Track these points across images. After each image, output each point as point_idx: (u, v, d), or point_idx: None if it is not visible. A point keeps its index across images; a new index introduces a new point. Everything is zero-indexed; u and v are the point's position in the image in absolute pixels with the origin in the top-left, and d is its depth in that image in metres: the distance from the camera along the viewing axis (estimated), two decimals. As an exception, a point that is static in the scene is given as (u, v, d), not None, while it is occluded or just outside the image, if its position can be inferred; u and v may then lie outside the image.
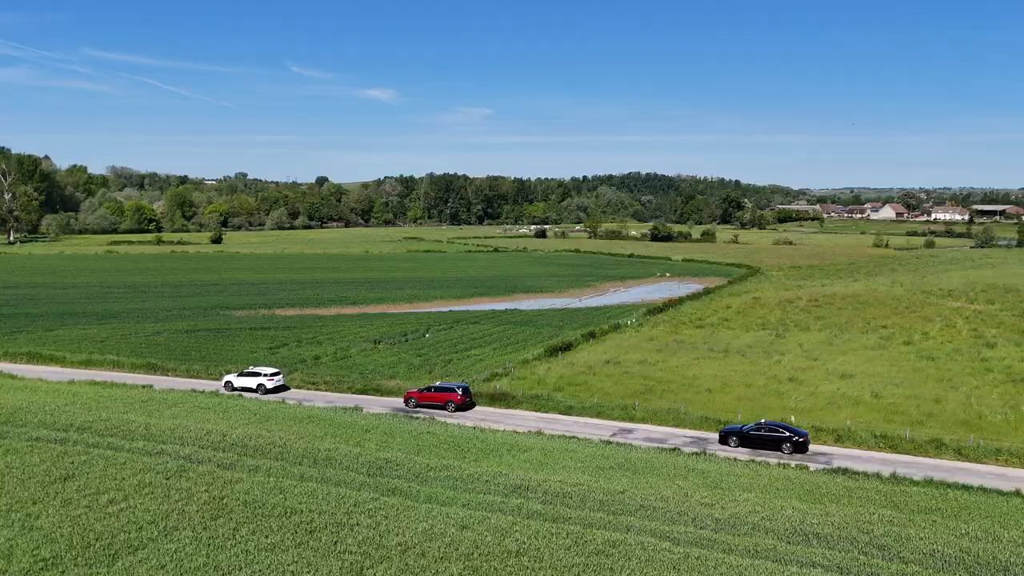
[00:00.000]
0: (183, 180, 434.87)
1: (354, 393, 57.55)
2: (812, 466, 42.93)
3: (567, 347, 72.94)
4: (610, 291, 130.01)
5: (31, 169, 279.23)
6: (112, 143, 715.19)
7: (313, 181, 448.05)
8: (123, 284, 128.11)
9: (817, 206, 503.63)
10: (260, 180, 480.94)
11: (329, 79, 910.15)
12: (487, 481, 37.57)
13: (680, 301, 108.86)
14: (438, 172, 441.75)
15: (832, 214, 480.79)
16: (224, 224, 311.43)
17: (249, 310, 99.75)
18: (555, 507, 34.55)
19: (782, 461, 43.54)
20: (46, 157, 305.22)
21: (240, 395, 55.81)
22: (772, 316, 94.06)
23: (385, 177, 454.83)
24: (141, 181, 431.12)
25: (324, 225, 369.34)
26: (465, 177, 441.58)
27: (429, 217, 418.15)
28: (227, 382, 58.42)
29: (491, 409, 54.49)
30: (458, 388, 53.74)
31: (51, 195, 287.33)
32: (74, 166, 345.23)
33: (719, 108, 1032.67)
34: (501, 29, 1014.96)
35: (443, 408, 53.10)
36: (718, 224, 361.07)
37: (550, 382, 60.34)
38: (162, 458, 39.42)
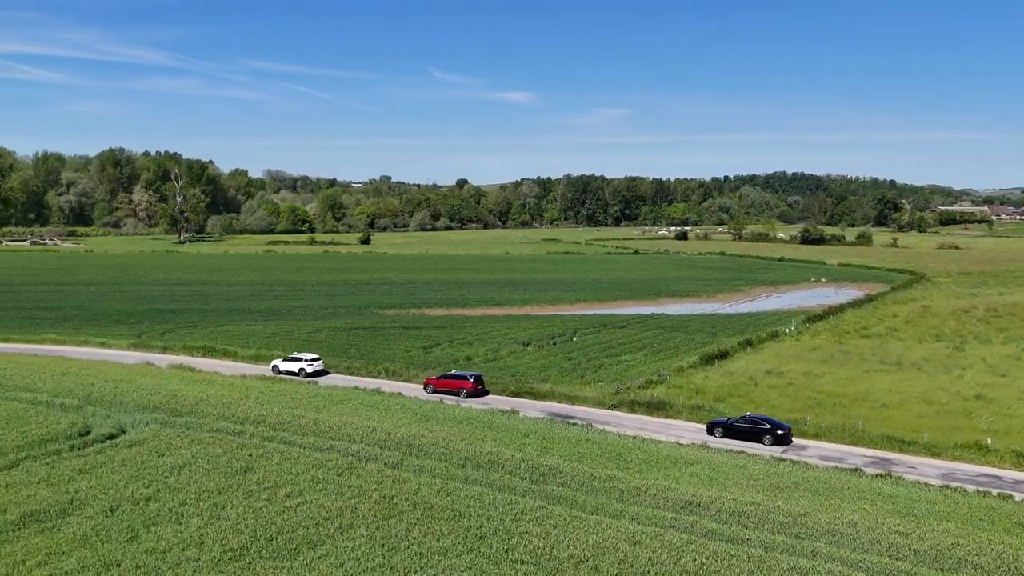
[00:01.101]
0: (332, 183, 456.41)
1: (509, 395, 57.37)
2: (1017, 496, 38.74)
3: (723, 355, 70.03)
4: (761, 296, 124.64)
5: (199, 173, 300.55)
6: (268, 148, 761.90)
7: (453, 183, 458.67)
8: (282, 282, 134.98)
9: (984, 207, 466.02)
10: (403, 183, 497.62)
11: (469, 83, 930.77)
12: (655, 495, 36.08)
13: (841, 308, 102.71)
14: (575, 173, 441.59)
15: (1002, 216, 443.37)
16: (371, 225, 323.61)
17: (399, 309, 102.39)
18: (731, 527, 32.64)
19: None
20: (210, 161, 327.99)
21: (399, 394, 56.78)
22: (946, 327, 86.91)
23: (522, 179, 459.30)
24: (294, 184, 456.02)
25: (464, 226, 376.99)
26: (602, 178, 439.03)
27: (565, 218, 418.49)
28: (274, 366, 63.64)
29: (648, 418, 52.82)
30: (470, 377, 57.39)
31: (215, 197, 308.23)
32: (236, 170, 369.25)
33: (873, 104, 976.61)
34: (637, 29, 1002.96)
35: (456, 394, 56.50)
36: (872, 226, 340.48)
37: (709, 392, 57.93)
38: (332, 454, 40.40)
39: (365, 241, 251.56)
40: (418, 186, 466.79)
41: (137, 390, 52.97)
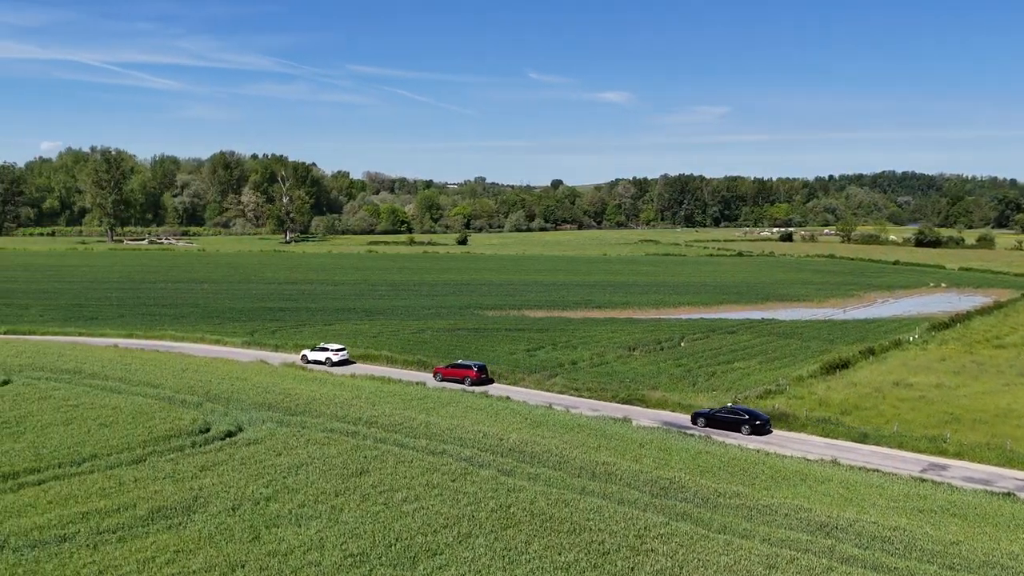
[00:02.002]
0: (428, 184, 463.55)
1: (619, 402, 55.72)
2: None
3: (844, 364, 66.27)
4: (877, 302, 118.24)
5: (303, 175, 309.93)
6: (367, 150, 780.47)
7: (547, 184, 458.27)
8: (384, 282, 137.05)
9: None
10: (497, 184, 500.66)
11: (564, 84, 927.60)
12: (786, 515, 33.84)
13: (968, 316, 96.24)
14: (672, 173, 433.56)
15: None
16: (467, 226, 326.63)
17: (500, 310, 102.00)
18: (874, 553, 30.15)
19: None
20: (313, 164, 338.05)
21: (506, 398, 56.03)
22: (1092, 337, 79.92)
23: (617, 179, 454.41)
24: (392, 185, 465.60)
25: (559, 227, 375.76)
26: (701, 178, 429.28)
27: (662, 219, 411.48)
28: (303, 355, 67.81)
29: (772, 431, 50.19)
30: (474, 366, 61.00)
31: (318, 198, 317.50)
32: (338, 172, 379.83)
33: (989, 98, 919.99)
34: (735, 26, 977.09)
35: (462, 382, 59.85)
36: (993, 228, 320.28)
37: (833, 404, 54.69)
38: (445, 459, 39.82)
39: (462, 242, 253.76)
40: (512, 187, 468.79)
41: (253, 388, 54.01)
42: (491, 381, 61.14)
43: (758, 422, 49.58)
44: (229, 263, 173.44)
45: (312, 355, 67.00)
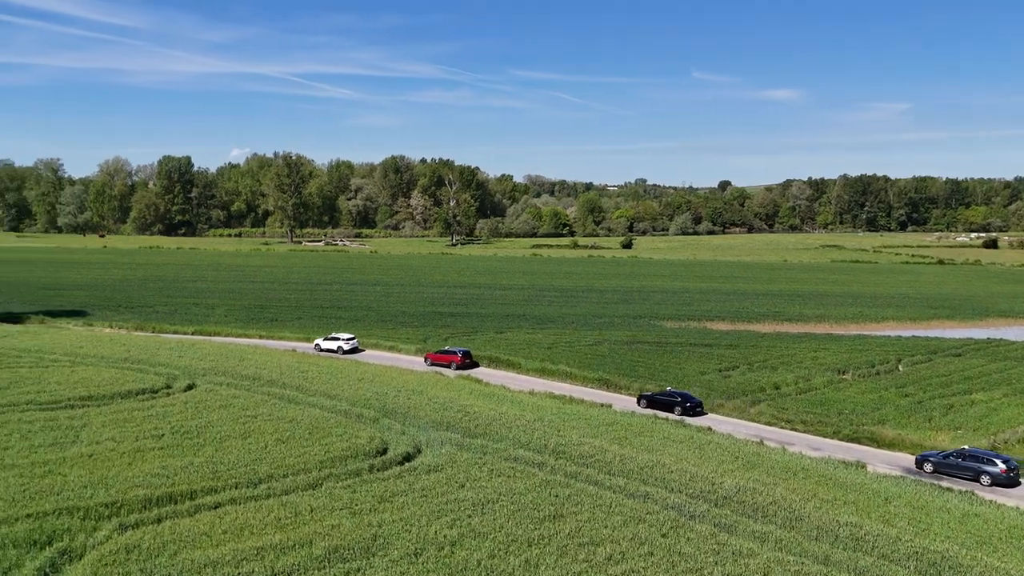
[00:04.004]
0: (588, 186, 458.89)
1: (842, 440, 47.73)
2: None
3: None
4: None
5: (469, 179, 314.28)
6: (527, 153, 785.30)
7: (710, 185, 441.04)
8: (551, 287, 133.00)
9: None
10: (659, 185, 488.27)
11: (730, 83, 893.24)
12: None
13: None
14: (852, 173, 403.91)
15: None
16: (629, 229, 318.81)
17: (678, 321, 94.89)
18: None
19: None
20: (477, 168, 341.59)
21: (708, 429, 49.50)
22: None
23: (788, 180, 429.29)
24: (552, 188, 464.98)
25: (727, 230, 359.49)
26: (885, 178, 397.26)
27: (841, 222, 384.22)
28: (316, 344, 72.58)
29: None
30: (459, 352, 66.98)
31: (483, 202, 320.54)
32: (503, 175, 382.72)
33: None
34: (911, 15, 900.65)
35: (448, 367, 65.76)
36: None
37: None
38: (649, 505, 34.10)
39: (627, 245, 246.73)
40: (675, 188, 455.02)
41: (430, 403, 50.70)
42: (476, 365, 67.36)
43: (688, 404, 53.42)
44: (399, 265, 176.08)
45: (325, 344, 72.05)
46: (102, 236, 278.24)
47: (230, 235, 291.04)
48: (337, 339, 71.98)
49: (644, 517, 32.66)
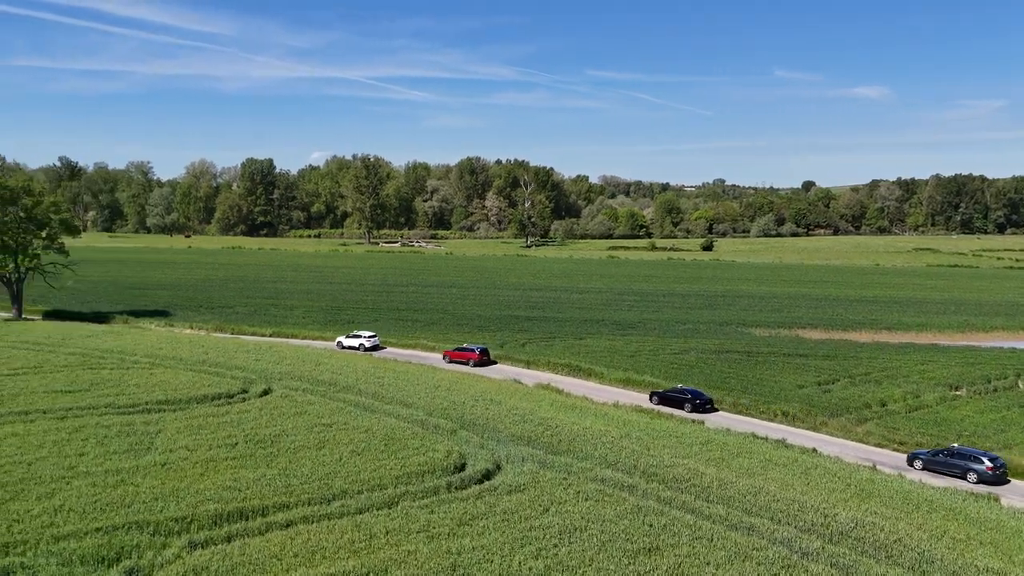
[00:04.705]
0: (664, 187, 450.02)
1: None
2: None
3: None
4: None
5: (544, 180, 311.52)
6: (602, 153, 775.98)
7: (792, 185, 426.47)
8: (630, 291, 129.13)
9: None
10: (738, 185, 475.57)
11: (813, 80, 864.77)
12: None
13: None
14: (944, 173, 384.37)
15: None
16: (709, 230, 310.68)
17: (767, 328, 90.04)
18: None
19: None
20: (552, 168, 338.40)
21: (812, 450, 45.46)
22: None
23: (874, 180, 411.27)
24: (627, 189, 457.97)
25: (811, 232, 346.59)
26: (982, 178, 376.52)
27: (933, 224, 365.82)
28: (338, 342, 74.48)
29: None
30: (477, 349, 67.93)
31: (558, 203, 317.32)
32: (578, 176, 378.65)
33: None
34: (1011, 13, 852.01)
35: (466, 364, 66.78)
36: None
37: None
38: (755, 539, 30.73)
39: (707, 248, 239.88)
40: (755, 189, 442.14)
41: (508, 414, 48.25)
42: (493, 363, 68.06)
43: (698, 401, 54.39)
44: (474, 267, 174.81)
45: (347, 341, 73.71)
46: (187, 236, 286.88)
47: (310, 236, 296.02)
48: (359, 336, 73.93)
49: (751, 553, 29.38)
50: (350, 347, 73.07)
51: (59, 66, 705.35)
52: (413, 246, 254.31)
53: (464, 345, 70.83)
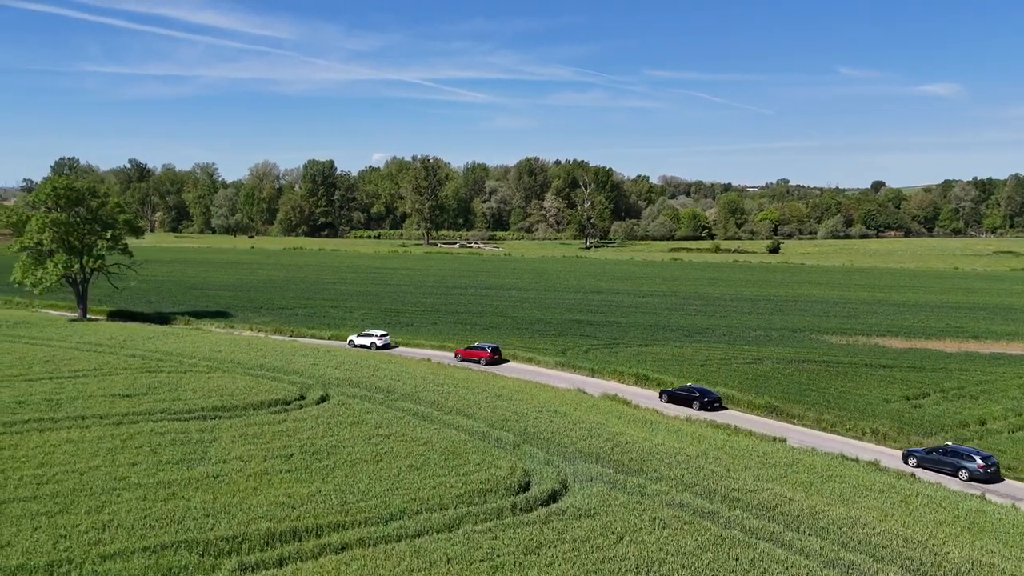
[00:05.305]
0: (726, 187, 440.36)
1: (1086, 498, 38.83)
2: None
3: None
4: None
5: (604, 180, 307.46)
6: (661, 154, 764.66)
7: (859, 185, 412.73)
8: (696, 295, 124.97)
9: None
10: (803, 186, 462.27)
11: (880, 78, 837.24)
12: None
13: None
14: (1023, 173, 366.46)
15: None
16: (774, 232, 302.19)
17: (844, 336, 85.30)
18: None
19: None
20: (611, 169, 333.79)
21: (912, 476, 41.66)
22: None
23: (948, 180, 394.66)
24: (687, 189, 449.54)
25: (881, 234, 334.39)
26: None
27: (1012, 226, 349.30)
28: (350, 340, 75.56)
29: None
30: (488, 348, 68.75)
31: (617, 203, 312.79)
32: (638, 176, 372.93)
33: None
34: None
35: (477, 362, 67.59)
36: None
37: None
38: (856, 580, 27.47)
39: (774, 250, 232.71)
40: (821, 189, 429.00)
41: (574, 427, 45.58)
42: (504, 361, 69.00)
43: (706, 399, 55.07)
44: (533, 268, 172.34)
45: (359, 340, 74.81)
46: (251, 237, 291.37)
47: (369, 237, 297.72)
48: (371, 335, 75.13)
49: (853, 599, 26.14)
50: (362, 345, 74.23)
51: (130, 71, 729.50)
52: (471, 247, 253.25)
53: (476, 344, 71.94)
